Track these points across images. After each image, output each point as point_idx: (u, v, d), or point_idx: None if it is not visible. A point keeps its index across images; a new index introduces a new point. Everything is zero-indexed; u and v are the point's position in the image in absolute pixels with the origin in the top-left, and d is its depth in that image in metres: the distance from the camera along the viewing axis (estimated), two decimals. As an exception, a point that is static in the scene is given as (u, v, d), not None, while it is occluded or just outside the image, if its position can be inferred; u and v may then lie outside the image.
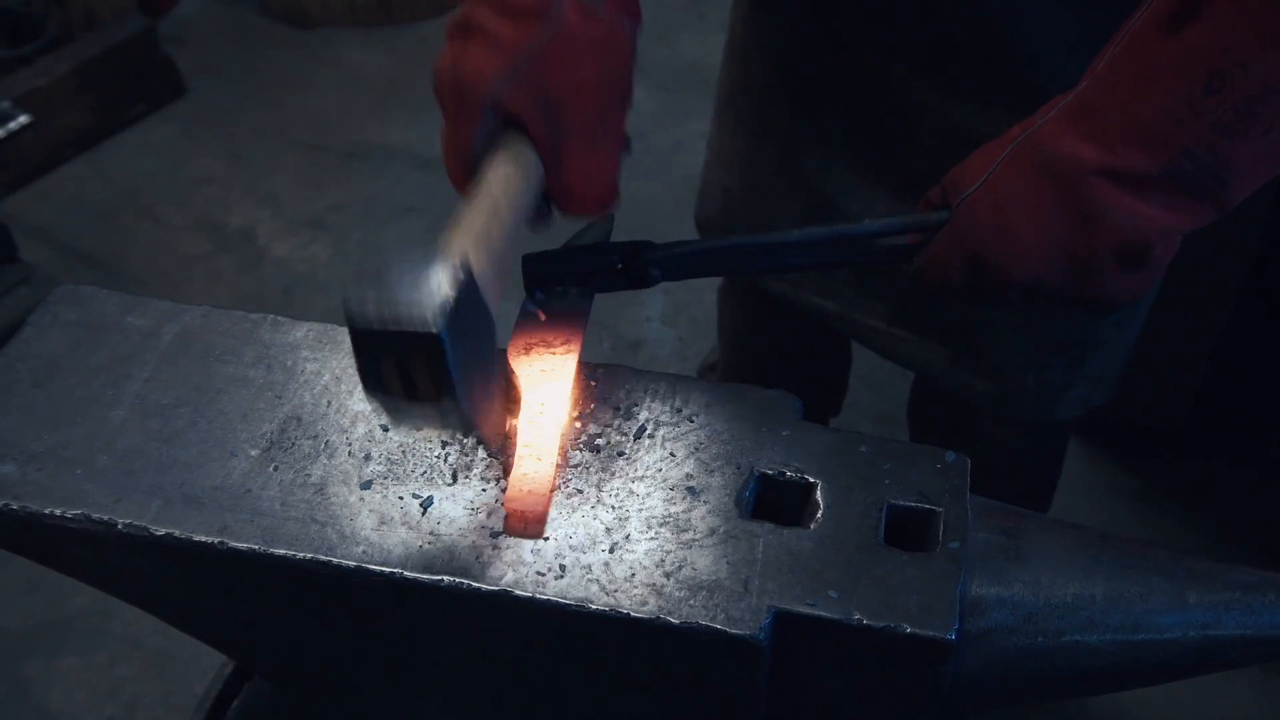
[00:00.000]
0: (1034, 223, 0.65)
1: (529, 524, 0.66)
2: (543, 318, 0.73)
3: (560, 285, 0.75)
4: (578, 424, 0.73)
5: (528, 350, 0.72)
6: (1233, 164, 0.62)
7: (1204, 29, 0.60)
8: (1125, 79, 0.63)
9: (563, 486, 0.69)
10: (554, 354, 0.71)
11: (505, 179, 0.68)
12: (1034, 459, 1.25)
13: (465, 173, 0.70)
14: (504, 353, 0.71)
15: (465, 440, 0.72)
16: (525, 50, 0.67)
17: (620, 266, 0.73)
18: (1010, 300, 0.69)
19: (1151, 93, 0.62)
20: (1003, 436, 1.12)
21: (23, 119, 1.99)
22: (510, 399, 0.71)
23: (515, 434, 0.69)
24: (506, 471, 0.68)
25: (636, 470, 0.70)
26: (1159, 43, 0.62)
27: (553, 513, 0.67)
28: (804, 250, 0.73)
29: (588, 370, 0.76)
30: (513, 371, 0.71)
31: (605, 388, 0.75)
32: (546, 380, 0.70)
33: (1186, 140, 0.61)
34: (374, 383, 0.59)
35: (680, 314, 2.18)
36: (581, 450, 0.71)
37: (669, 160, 2.45)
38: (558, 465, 0.68)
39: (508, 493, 0.67)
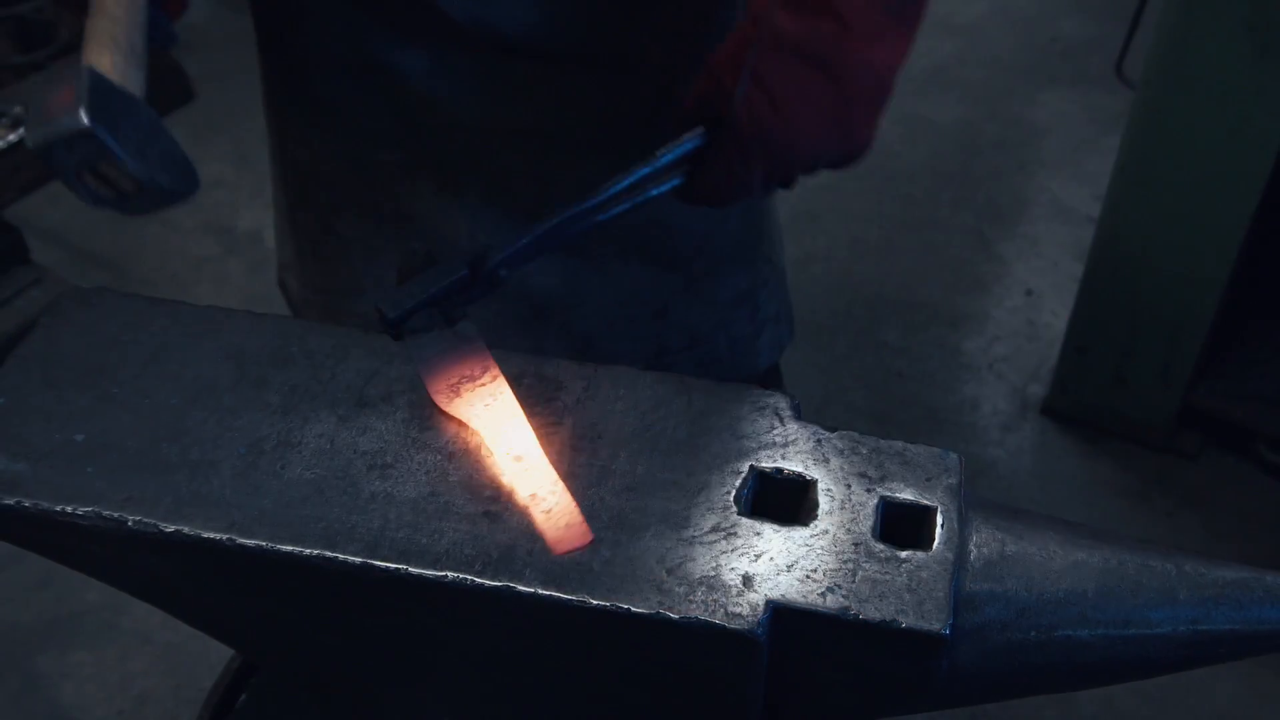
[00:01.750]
0: (807, 103, 0.72)
1: (581, 548, 0.67)
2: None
3: (422, 317, 0.73)
4: (578, 422, 0.74)
5: (458, 391, 0.72)
6: None
7: None
8: None
9: (563, 484, 0.70)
10: (484, 386, 0.72)
11: None
12: None
13: None
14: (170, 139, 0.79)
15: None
16: None
17: (470, 276, 0.73)
18: (793, 180, 0.75)
19: None
20: None
21: (34, 123, 2.00)
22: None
23: (503, 475, 0.69)
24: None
25: (636, 469, 0.71)
26: None
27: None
28: (618, 198, 0.75)
29: (587, 370, 0.77)
30: (459, 420, 0.71)
31: (604, 388, 0.76)
32: (497, 414, 0.71)
33: None
34: (87, 195, 0.76)
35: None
36: (582, 448, 0.72)
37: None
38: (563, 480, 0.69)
39: (549, 540, 0.66)
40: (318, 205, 1.01)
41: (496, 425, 0.71)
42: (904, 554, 0.66)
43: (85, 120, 0.70)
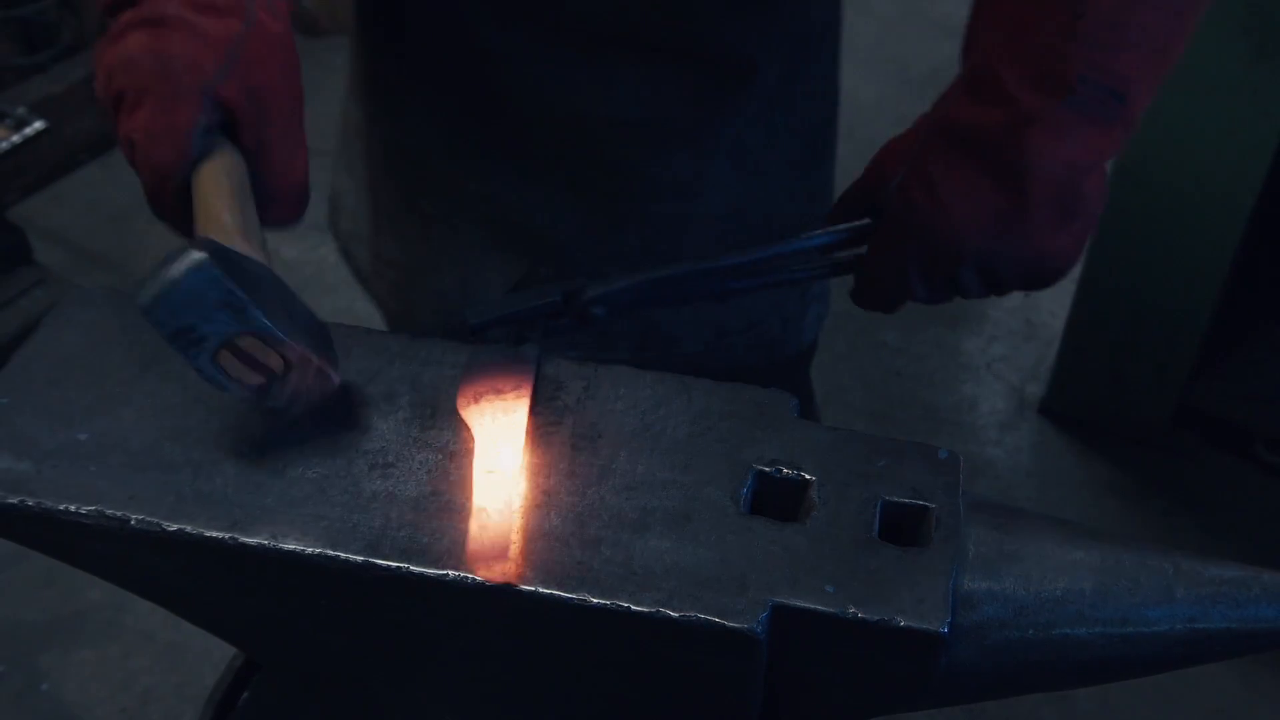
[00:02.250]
0: (966, 195, 0.66)
1: (499, 574, 0.66)
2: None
3: (502, 331, 0.74)
4: (578, 421, 0.74)
5: (477, 399, 0.72)
6: (1127, 75, 0.64)
7: None
8: (999, 36, 0.66)
9: (563, 483, 0.70)
10: (504, 401, 0.72)
11: (233, 167, 0.71)
12: (792, 386, 1.28)
13: (178, 159, 0.69)
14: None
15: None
16: (233, 44, 0.70)
17: (563, 304, 0.73)
18: (968, 284, 0.70)
19: (1028, 35, 0.64)
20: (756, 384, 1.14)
21: (38, 125, 2.02)
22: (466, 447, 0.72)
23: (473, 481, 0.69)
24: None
25: (636, 468, 0.71)
26: None
27: (554, 509, 0.69)
28: (747, 271, 0.73)
29: (588, 370, 0.77)
30: (465, 423, 0.72)
31: (604, 387, 0.76)
32: (498, 429, 0.71)
33: (1075, 68, 0.63)
34: (230, 387, 0.66)
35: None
36: (582, 448, 0.73)
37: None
38: (521, 512, 0.68)
39: (469, 551, 0.66)
40: (403, 181, 1.02)
41: (491, 438, 0.71)
42: (902, 553, 0.66)
43: (199, 256, 0.61)
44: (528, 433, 0.72)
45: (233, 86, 0.70)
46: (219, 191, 0.70)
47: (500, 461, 0.70)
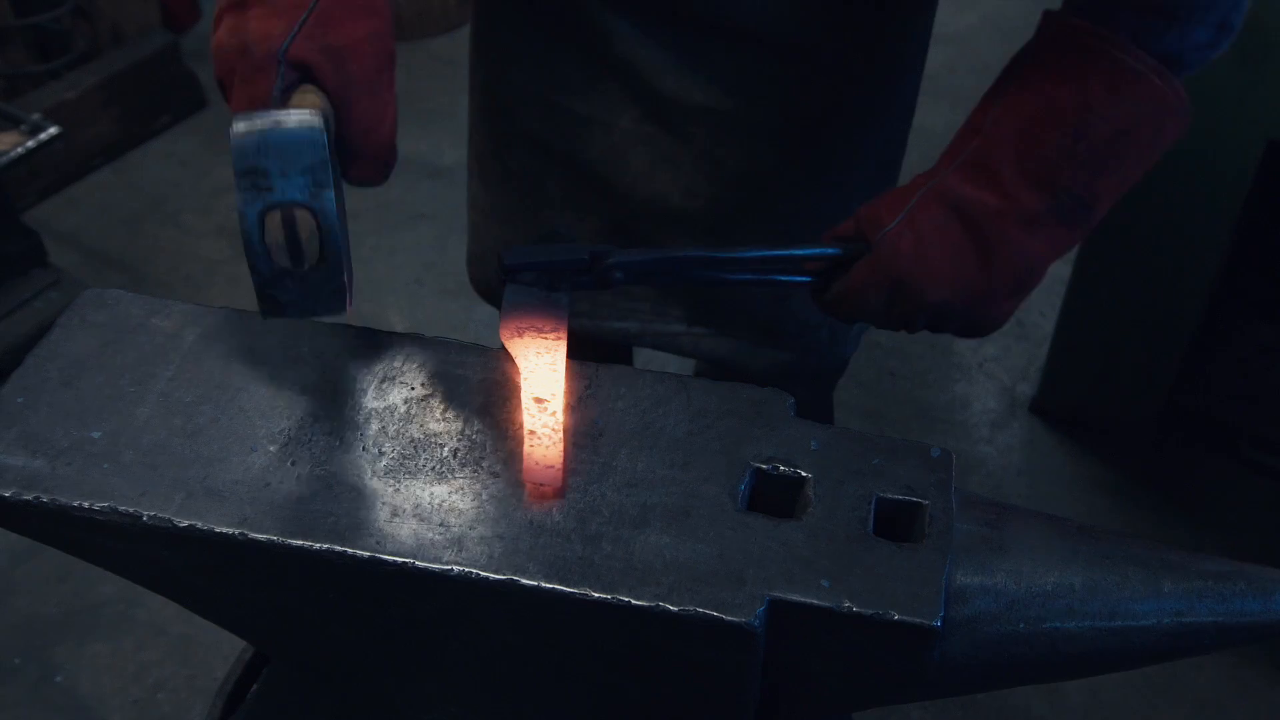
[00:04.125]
0: (947, 256, 0.75)
1: (549, 495, 0.71)
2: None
3: (532, 275, 0.77)
4: (578, 421, 0.75)
5: (521, 335, 0.75)
6: (1099, 194, 0.76)
7: (1070, 89, 0.74)
8: (1010, 134, 0.75)
9: (566, 480, 0.72)
10: (545, 338, 0.74)
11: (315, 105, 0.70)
12: (823, 397, 1.34)
13: None
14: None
15: (475, 434, 0.75)
16: (304, 10, 0.71)
17: (588, 263, 0.77)
18: (917, 323, 0.78)
19: (1034, 144, 0.74)
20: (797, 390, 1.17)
21: (52, 130, 2.04)
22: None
23: (521, 413, 0.72)
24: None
25: (636, 465, 0.73)
26: (1033, 99, 0.75)
27: (557, 505, 0.70)
28: (747, 265, 0.80)
29: (589, 369, 0.79)
30: (510, 356, 0.74)
31: (605, 386, 0.78)
32: (542, 362, 0.73)
33: (1064, 181, 0.74)
34: (258, 248, 0.63)
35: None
36: (582, 446, 0.74)
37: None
38: (565, 439, 0.71)
39: (525, 472, 0.70)
40: (494, 129, 1.07)
41: (536, 370, 0.73)
42: (896, 548, 0.67)
43: (316, 124, 0.61)
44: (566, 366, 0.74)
45: (305, 46, 0.70)
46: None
47: (548, 392, 0.72)
